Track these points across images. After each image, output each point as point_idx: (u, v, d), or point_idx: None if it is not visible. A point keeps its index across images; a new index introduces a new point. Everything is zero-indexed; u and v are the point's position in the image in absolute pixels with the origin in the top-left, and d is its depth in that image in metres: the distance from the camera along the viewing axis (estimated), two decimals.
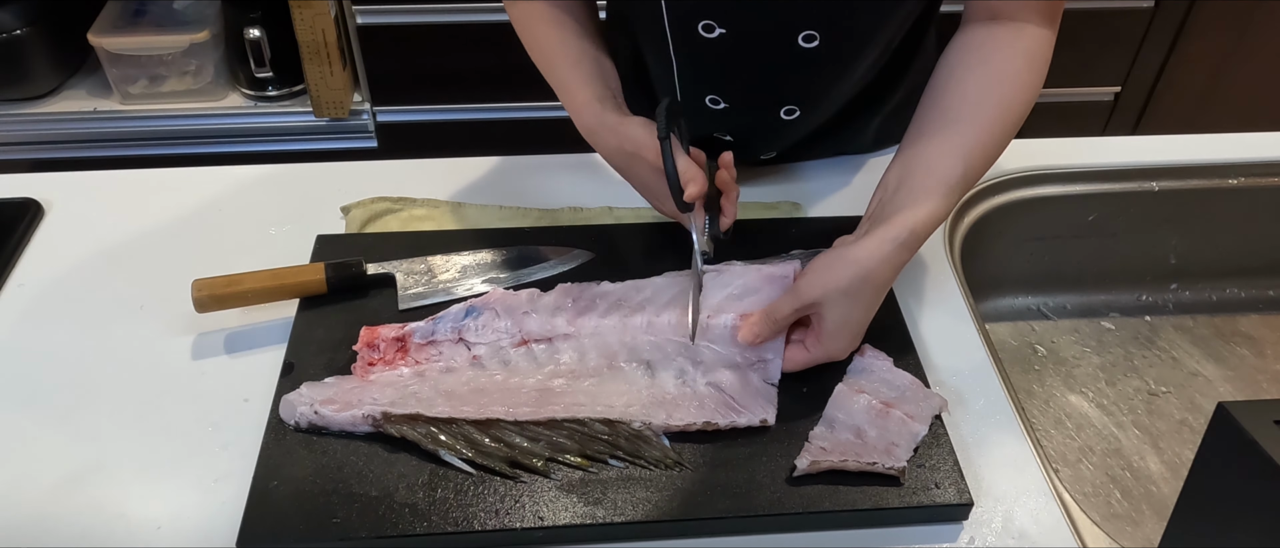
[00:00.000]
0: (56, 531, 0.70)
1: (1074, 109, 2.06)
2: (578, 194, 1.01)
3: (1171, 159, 1.09)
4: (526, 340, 0.81)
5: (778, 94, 0.91)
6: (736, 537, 0.70)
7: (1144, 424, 1.01)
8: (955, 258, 0.97)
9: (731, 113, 0.93)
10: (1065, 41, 1.50)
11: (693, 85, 0.92)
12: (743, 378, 0.77)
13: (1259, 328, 1.13)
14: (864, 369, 0.79)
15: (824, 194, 1.02)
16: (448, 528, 0.68)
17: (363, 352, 0.79)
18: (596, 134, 0.86)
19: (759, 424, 0.74)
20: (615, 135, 0.84)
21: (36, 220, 0.97)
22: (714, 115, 0.94)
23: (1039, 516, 0.72)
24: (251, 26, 1.78)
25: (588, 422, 0.74)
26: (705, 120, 0.94)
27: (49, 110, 1.85)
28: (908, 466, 0.71)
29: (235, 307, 0.83)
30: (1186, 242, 1.12)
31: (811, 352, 0.77)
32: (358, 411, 0.73)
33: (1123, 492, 0.94)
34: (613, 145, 0.85)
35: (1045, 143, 1.09)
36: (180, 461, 0.74)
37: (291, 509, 0.69)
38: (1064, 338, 1.11)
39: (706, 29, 0.84)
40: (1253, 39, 1.95)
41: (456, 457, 0.71)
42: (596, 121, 0.86)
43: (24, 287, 0.90)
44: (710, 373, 0.78)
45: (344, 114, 1.88)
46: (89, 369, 0.82)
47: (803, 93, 0.91)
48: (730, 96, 0.92)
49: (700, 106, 0.93)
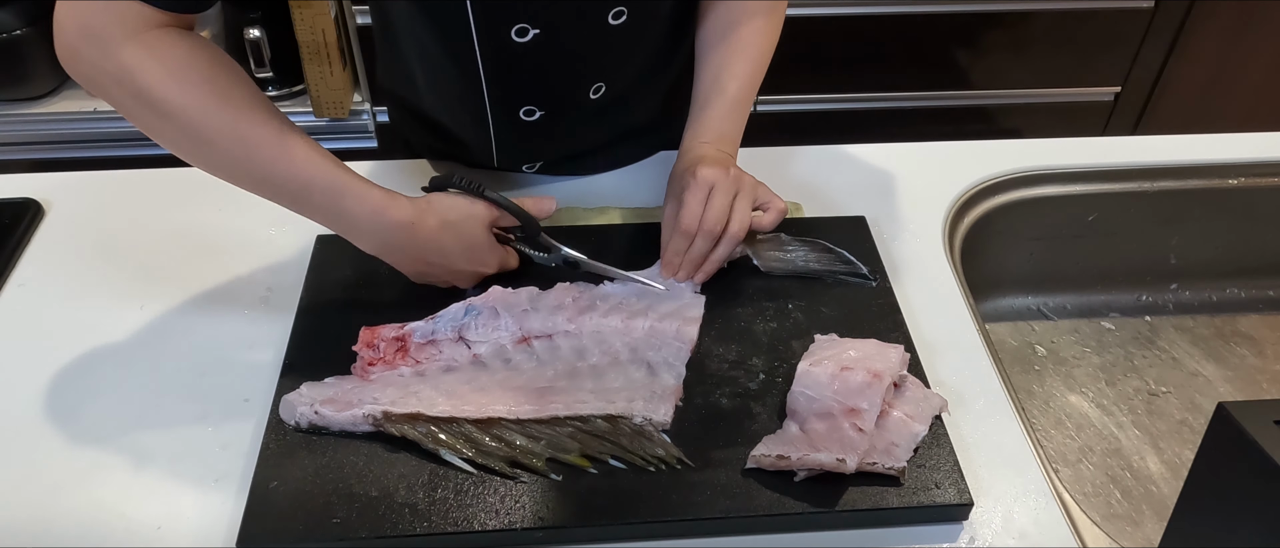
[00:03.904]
0: (56, 531, 0.70)
1: (1074, 109, 2.06)
2: (578, 194, 1.01)
3: (1171, 159, 1.09)
4: (528, 338, 0.81)
5: (585, 77, 0.93)
6: (736, 537, 0.70)
7: (1144, 424, 1.01)
8: (955, 258, 0.97)
9: (544, 120, 0.95)
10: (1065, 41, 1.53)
11: (504, 96, 0.92)
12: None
13: (1259, 328, 1.13)
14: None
15: (824, 194, 1.02)
16: (448, 528, 0.68)
17: (363, 352, 0.79)
18: (413, 225, 0.79)
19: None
20: (435, 214, 0.80)
21: (36, 220, 0.97)
22: (527, 126, 0.95)
23: (1039, 516, 0.72)
24: (251, 26, 1.78)
25: (589, 419, 0.74)
26: (517, 135, 0.97)
27: (49, 110, 1.85)
28: (908, 466, 0.71)
29: None
30: (1186, 242, 1.12)
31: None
32: (358, 410, 0.73)
33: (1123, 492, 0.94)
34: (432, 225, 0.80)
35: (1045, 143, 1.09)
36: (180, 461, 0.74)
37: (291, 509, 0.69)
38: (1064, 338, 1.11)
39: (520, 33, 0.85)
40: (1253, 39, 1.95)
41: (457, 457, 0.71)
42: (409, 208, 0.79)
43: (24, 287, 0.90)
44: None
45: (344, 114, 1.88)
46: (89, 369, 0.82)
47: (612, 70, 0.93)
48: (542, 99, 0.93)
49: (514, 120, 0.94)
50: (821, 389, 0.74)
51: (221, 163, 0.75)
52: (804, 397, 0.75)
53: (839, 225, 0.95)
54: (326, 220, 0.79)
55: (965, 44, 1.95)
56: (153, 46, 0.70)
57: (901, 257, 0.94)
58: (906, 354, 0.78)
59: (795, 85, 1.96)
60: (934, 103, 2.02)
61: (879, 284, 0.88)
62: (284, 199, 0.77)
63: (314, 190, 0.76)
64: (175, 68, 0.71)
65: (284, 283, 0.89)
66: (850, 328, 0.83)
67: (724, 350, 0.82)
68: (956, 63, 1.97)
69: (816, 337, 0.81)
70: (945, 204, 1.01)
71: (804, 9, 1.85)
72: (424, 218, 0.80)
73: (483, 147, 0.99)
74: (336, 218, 0.78)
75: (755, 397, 0.78)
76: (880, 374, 0.74)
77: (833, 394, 0.74)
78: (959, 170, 1.05)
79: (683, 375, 0.78)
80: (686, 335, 0.81)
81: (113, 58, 0.69)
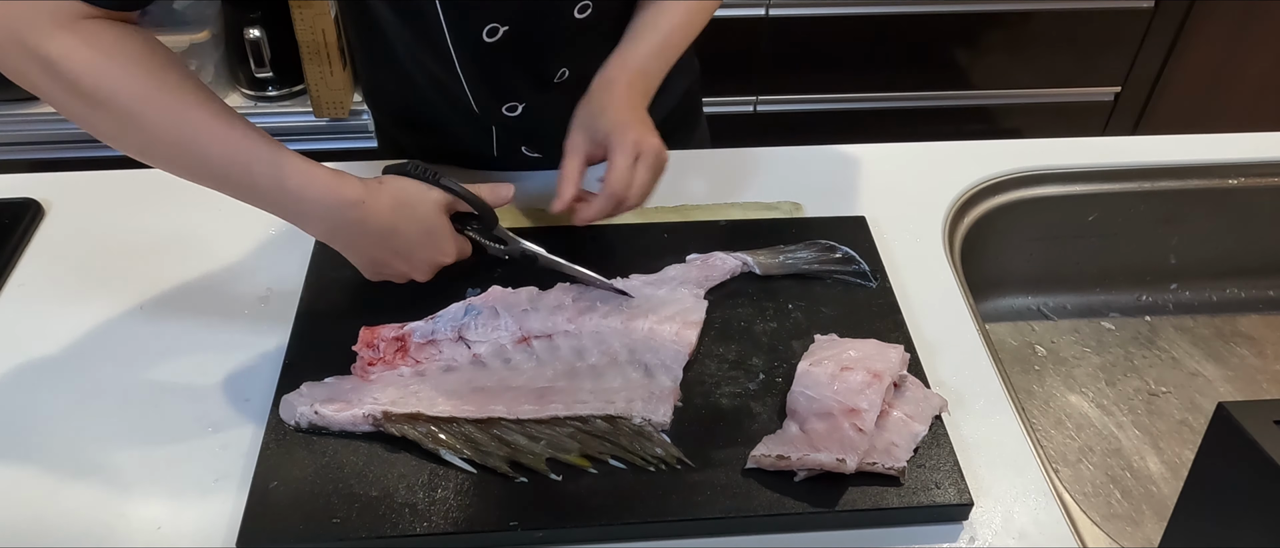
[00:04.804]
0: (56, 531, 0.70)
1: (1074, 109, 2.06)
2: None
3: (1171, 159, 1.09)
4: (527, 338, 0.81)
5: (553, 66, 0.94)
6: (736, 537, 0.70)
7: (1144, 424, 1.01)
8: (955, 258, 0.97)
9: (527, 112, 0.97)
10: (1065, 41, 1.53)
11: (487, 95, 0.94)
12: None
13: (1259, 328, 1.13)
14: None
15: (824, 194, 1.02)
16: (448, 528, 0.68)
17: (362, 352, 0.79)
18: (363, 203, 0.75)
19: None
20: (387, 194, 0.76)
21: (36, 220, 0.97)
22: (513, 121, 0.97)
23: (1039, 516, 0.72)
24: (251, 27, 1.78)
25: (589, 419, 0.74)
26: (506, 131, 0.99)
27: (49, 110, 1.85)
28: (908, 466, 0.71)
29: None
30: (1186, 242, 1.12)
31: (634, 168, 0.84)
32: (358, 410, 0.73)
33: (1123, 492, 0.94)
34: (385, 205, 0.76)
35: (1045, 143, 1.09)
36: (180, 461, 0.74)
37: (291, 509, 0.69)
38: (1064, 338, 1.11)
39: (490, 33, 0.87)
40: (1253, 39, 1.95)
41: (457, 456, 0.71)
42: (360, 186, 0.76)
43: (24, 287, 0.90)
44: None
45: (344, 114, 1.88)
46: (89, 369, 0.82)
47: (578, 58, 0.94)
48: (519, 93, 0.95)
49: (501, 118, 0.96)
50: (821, 389, 0.74)
51: (159, 150, 0.72)
52: (804, 397, 0.75)
53: (839, 225, 0.95)
54: (271, 205, 0.75)
55: (965, 44, 1.95)
56: (81, 33, 0.68)
57: (901, 257, 0.94)
58: (906, 354, 0.78)
59: (795, 85, 1.97)
60: (934, 103, 2.02)
61: (879, 284, 0.89)
62: (226, 185, 0.74)
63: (256, 173, 0.72)
64: (105, 53, 0.68)
65: (284, 283, 0.89)
66: (850, 328, 0.83)
67: (724, 351, 0.82)
68: (956, 63, 1.97)
69: (816, 337, 0.81)
70: (945, 204, 1.01)
71: (804, 9, 1.85)
72: (376, 197, 0.76)
73: (483, 144, 1.00)
74: (282, 201, 0.74)
75: (755, 397, 0.78)
76: (880, 374, 0.74)
77: (833, 394, 0.74)
78: (959, 170, 1.05)
79: (679, 379, 0.78)
80: (686, 339, 0.81)
81: (41, 49, 0.67)
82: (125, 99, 0.69)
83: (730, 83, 1.92)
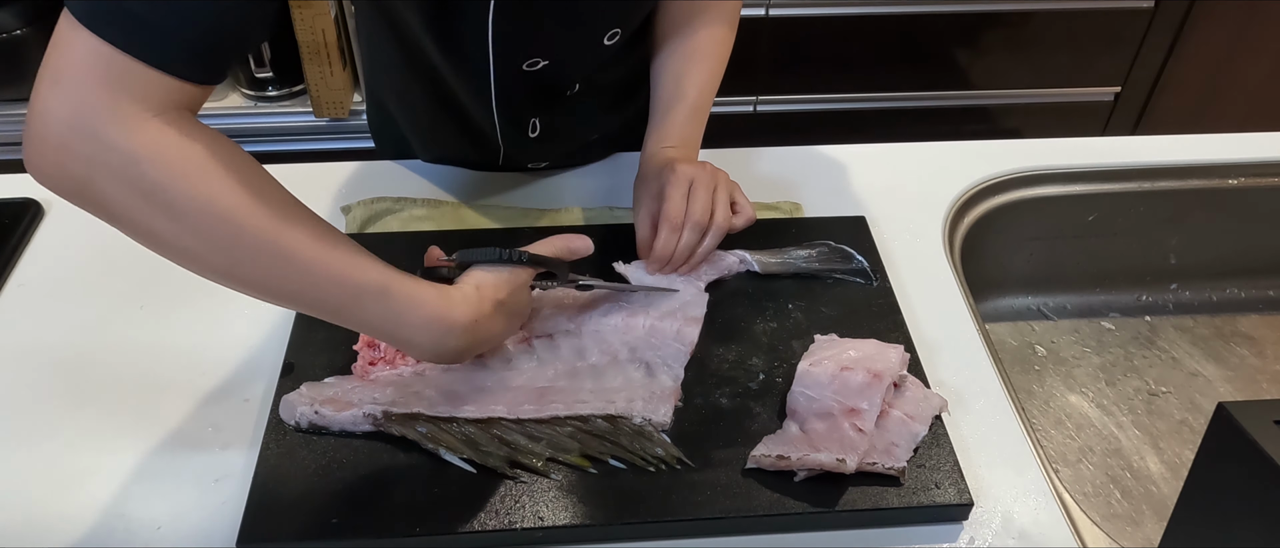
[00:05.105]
0: (56, 531, 0.70)
1: (1074, 109, 2.06)
2: (579, 194, 1.01)
3: (1171, 159, 1.09)
4: (528, 337, 0.81)
5: (570, 85, 0.96)
6: (736, 537, 0.70)
7: (1144, 424, 1.01)
8: (955, 258, 0.97)
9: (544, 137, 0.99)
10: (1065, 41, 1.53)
11: (511, 114, 0.95)
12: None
13: (1259, 328, 1.13)
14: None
15: (824, 194, 1.02)
16: (447, 528, 0.68)
17: (363, 351, 0.79)
18: (476, 324, 0.69)
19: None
20: (489, 300, 0.70)
21: (36, 220, 0.97)
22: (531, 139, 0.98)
23: (1039, 516, 0.72)
24: None
25: (589, 419, 0.74)
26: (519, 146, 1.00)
27: None
28: (908, 466, 0.71)
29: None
30: (1186, 242, 1.12)
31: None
32: (358, 410, 0.73)
33: (1123, 492, 0.94)
34: (489, 313, 0.70)
35: (1045, 143, 1.09)
36: (180, 461, 0.74)
37: (291, 509, 0.69)
38: (1064, 338, 1.11)
39: (530, 65, 0.88)
40: (1253, 39, 1.95)
41: (457, 457, 0.71)
42: (465, 307, 0.69)
43: (24, 287, 0.90)
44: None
45: (344, 114, 1.88)
46: (89, 369, 0.82)
47: (602, 75, 0.97)
48: (543, 111, 0.96)
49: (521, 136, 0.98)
50: (821, 389, 0.74)
51: (248, 271, 0.62)
52: (804, 397, 0.75)
53: (839, 225, 0.95)
54: (375, 330, 0.69)
55: (965, 44, 1.95)
56: (168, 133, 0.58)
57: (901, 257, 0.94)
58: (906, 354, 0.78)
59: (795, 85, 1.96)
60: (934, 103, 2.02)
61: (879, 284, 0.89)
62: (323, 310, 0.65)
63: (366, 298, 0.64)
64: (199, 160, 0.58)
65: None
66: (850, 328, 0.83)
67: (724, 350, 0.82)
68: (956, 63, 1.97)
69: (816, 337, 0.81)
70: (945, 204, 1.01)
71: (804, 9, 1.85)
72: (483, 309, 0.69)
73: (490, 153, 1.01)
74: (389, 327, 0.67)
75: (755, 397, 0.78)
76: (880, 374, 0.74)
77: (833, 394, 0.74)
78: (959, 170, 1.05)
79: (681, 378, 0.78)
80: (686, 336, 0.81)
81: (119, 145, 0.56)
82: (222, 210, 0.59)
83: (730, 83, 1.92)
